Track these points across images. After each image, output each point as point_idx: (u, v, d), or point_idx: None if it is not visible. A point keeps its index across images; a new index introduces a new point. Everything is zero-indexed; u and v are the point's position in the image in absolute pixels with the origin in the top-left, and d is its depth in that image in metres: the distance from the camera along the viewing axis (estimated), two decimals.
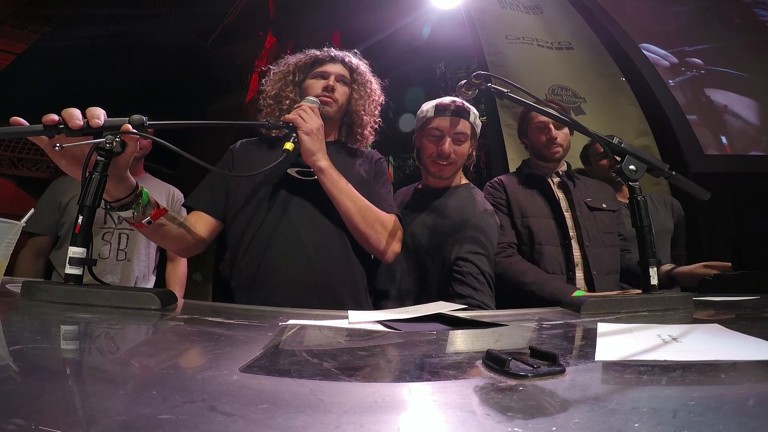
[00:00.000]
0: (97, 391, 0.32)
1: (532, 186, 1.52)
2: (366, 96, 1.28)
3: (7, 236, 0.69)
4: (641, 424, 0.26)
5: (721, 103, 2.85)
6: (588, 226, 1.44)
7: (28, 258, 1.71)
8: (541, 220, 1.44)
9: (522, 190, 1.51)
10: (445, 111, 1.27)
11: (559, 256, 1.41)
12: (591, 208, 1.48)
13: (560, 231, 1.44)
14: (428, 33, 3.77)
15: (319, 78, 1.24)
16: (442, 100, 1.30)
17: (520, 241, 1.43)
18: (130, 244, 1.76)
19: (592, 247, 1.41)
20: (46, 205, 1.74)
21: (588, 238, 1.42)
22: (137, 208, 0.92)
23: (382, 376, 0.43)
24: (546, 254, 1.40)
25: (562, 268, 1.40)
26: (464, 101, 1.27)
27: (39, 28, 3.12)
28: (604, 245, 1.44)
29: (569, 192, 1.50)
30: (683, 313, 0.82)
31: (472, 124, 1.29)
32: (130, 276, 1.76)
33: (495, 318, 0.76)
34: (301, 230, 1.10)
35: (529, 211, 1.45)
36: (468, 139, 1.29)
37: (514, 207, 1.47)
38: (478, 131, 1.33)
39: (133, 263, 1.76)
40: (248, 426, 0.26)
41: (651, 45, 3.04)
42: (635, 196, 0.92)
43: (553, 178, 1.55)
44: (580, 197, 1.49)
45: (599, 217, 1.48)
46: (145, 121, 0.82)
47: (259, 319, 0.70)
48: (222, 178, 1.18)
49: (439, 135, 1.27)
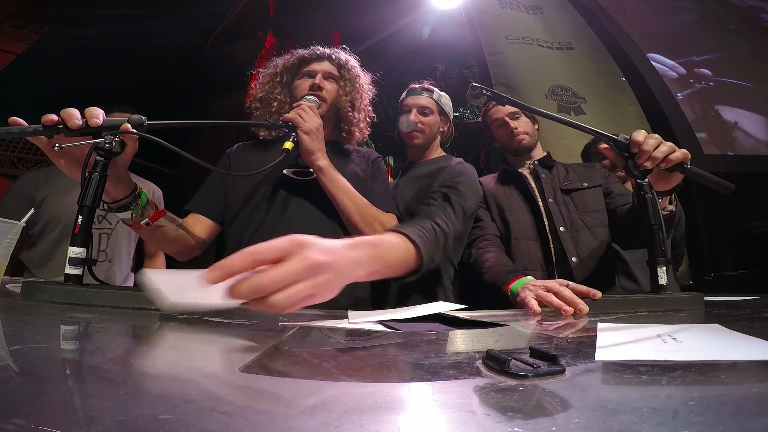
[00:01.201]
0: (96, 391, 0.32)
1: (508, 181, 1.52)
2: (354, 92, 1.27)
3: (7, 236, 0.69)
4: (641, 424, 0.26)
5: (731, 120, 2.81)
6: (564, 211, 1.40)
7: None
8: (518, 214, 1.43)
9: (499, 186, 1.51)
10: (413, 91, 1.56)
11: (537, 249, 1.37)
12: (566, 191, 1.44)
13: (537, 222, 1.40)
14: (428, 33, 3.77)
15: (306, 77, 1.23)
16: (413, 84, 1.58)
17: (500, 236, 1.42)
18: (111, 245, 1.72)
19: (568, 231, 1.36)
20: (14, 202, 1.67)
21: (563, 223, 1.37)
22: (136, 209, 0.92)
23: (382, 376, 0.43)
24: (522, 248, 1.37)
25: (540, 262, 1.36)
26: (430, 85, 1.56)
27: (39, 28, 3.12)
28: (587, 227, 1.37)
29: (542, 181, 1.47)
30: (685, 313, 0.82)
31: (437, 101, 1.53)
32: (112, 278, 1.72)
33: (495, 318, 0.76)
34: (298, 231, 1.10)
35: (506, 206, 1.44)
36: (433, 113, 1.52)
37: (491, 203, 1.46)
38: (447, 109, 1.56)
39: (114, 264, 1.73)
40: (248, 426, 0.26)
41: (658, 55, 3.01)
42: (644, 193, 0.89)
43: (528, 170, 1.53)
44: (555, 183, 1.46)
45: (579, 198, 1.42)
46: (145, 121, 0.82)
47: (259, 319, 0.70)
48: (220, 180, 1.18)
49: (408, 110, 1.53)
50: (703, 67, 2.97)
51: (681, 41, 3.11)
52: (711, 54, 3.03)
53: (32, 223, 1.65)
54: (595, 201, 1.42)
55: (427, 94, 1.53)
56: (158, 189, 1.88)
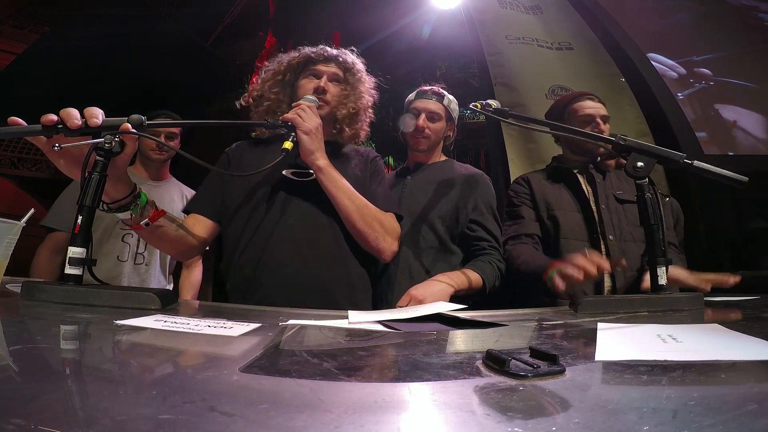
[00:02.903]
0: (96, 391, 0.32)
1: (559, 180, 1.49)
2: (359, 96, 1.26)
3: (7, 236, 0.69)
4: (641, 424, 0.26)
5: (731, 119, 2.80)
6: (615, 219, 1.38)
7: (46, 254, 1.66)
8: (568, 213, 1.41)
9: (549, 183, 1.49)
10: (423, 95, 1.51)
11: (584, 250, 1.35)
12: (620, 201, 1.42)
13: (587, 225, 1.39)
14: (428, 33, 3.77)
15: (312, 78, 1.22)
16: (423, 87, 1.53)
17: (547, 234, 1.41)
18: (149, 248, 1.71)
19: (618, 241, 1.36)
20: (68, 201, 1.67)
21: (613, 231, 1.37)
22: (135, 209, 0.92)
23: (382, 376, 0.43)
24: (571, 248, 1.35)
25: None
26: (441, 89, 1.52)
27: (39, 28, 3.12)
28: (634, 239, 1.37)
29: (597, 185, 1.45)
30: (684, 313, 0.81)
31: (446, 107, 1.50)
32: (147, 281, 1.71)
33: (495, 318, 0.76)
34: (297, 231, 1.10)
35: (555, 204, 1.42)
36: (441, 119, 1.49)
37: (540, 200, 1.44)
38: (454, 115, 1.53)
39: (151, 267, 1.71)
40: (248, 426, 0.26)
41: (658, 55, 3.01)
42: (643, 193, 0.90)
43: (582, 172, 1.50)
44: (609, 190, 1.44)
45: (630, 210, 1.39)
46: (144, 121, 0.82)
47: (259, 319, 0.70)
48: (219, 180, 1.17)
49: (417, 113, 1.48)
50: (703, 67, 2.97)
51: (681, 41, 3.11)
52: (711, 53, 3.02)
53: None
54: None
55: (437, 98, 1.49)
56: (190, 190, 1.86)
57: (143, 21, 3.15)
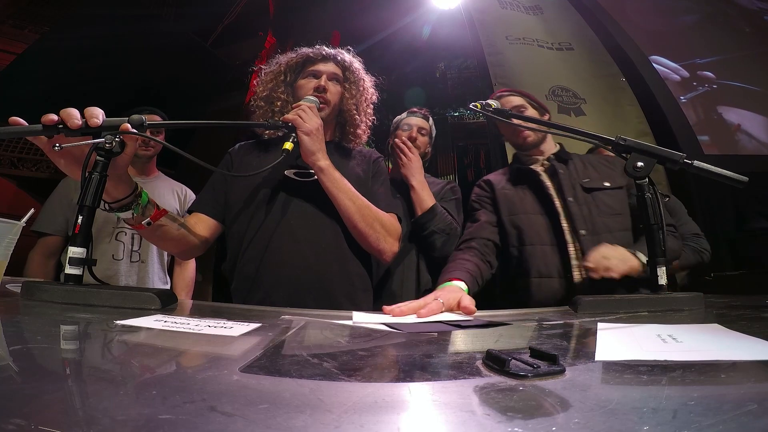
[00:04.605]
0: (96, 391, 0.32)
1: (520, 180, 1.37)
2: (358, 95, 1.26)
3: (7, 236, 0.69)
4: (641, 424, 0.26)
5: (734, 122, 2.78)
6: (585, 211, 1.25)
7: (37, 259, 1.65)
8: (531, 217, 1.29)
9: (511, 186, 1.37)
10: (414, 114, 1.76)
11: (554, 254, 1.25)
12: (588, 190, 1.28)
13: (554, 224, 1.27)
14: (428, 33, 3.77)
15: (311, 77, 1.22)
16: (412, 107, 1.80)
17: (508, 242, 1.30)
18: (143, 246, 1.71)
19: (590, 235, 1.22)
20: (56, 204, 1.68)
21: (585, 225, 1.23)
22: (137, 208, 0.92)
23: (382, 376, 0.43)
24: (537, 254, 1.26)
25: (558, 268, 1.24)
26: (426, 112, 1.79)
27: (39, 28, 3.12)
28: (609, 230, 1.23)
29: (560, 177, 1.31)
30: (684, 313, 0.81)
31: (431, 126, 1.76)
32: (145, 279, 1.71)
33: (495, 318, 0.76)
34: (298, 231, 1.10)
35: (519, 208, 1.31)
36: (428, 134, 1.74)
37: (502, 205, 1.33)
38: (433, 134, 1.79)
39: (147, 265, 1.71)
40: (248, 426, 0.26)
41: (661, 58, 3.00)
42: (643, 193, 0.90)
43: (541, 166, 1.37)
44: (575, 179, 1.31)
45: (601, 198, 1.27)
46: (145, 121, 0.82)
47: (259, 319, 0.70)
48: (222, 180, 1.18)
49: (408, 129, 1.72)
50: (706, 70, 2.96)
51: (684, 43, 3.10)
52: (714, 56, 3.01)
53: (72, 224, 1.69)
54: (618, 203, 1.29)
55: (423, 117, 1.75)
56: (191, 192, 1.87)
57: (143, 21, 3.15)
